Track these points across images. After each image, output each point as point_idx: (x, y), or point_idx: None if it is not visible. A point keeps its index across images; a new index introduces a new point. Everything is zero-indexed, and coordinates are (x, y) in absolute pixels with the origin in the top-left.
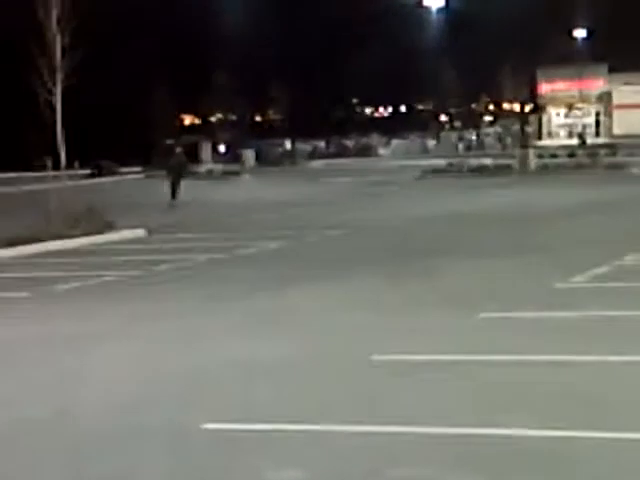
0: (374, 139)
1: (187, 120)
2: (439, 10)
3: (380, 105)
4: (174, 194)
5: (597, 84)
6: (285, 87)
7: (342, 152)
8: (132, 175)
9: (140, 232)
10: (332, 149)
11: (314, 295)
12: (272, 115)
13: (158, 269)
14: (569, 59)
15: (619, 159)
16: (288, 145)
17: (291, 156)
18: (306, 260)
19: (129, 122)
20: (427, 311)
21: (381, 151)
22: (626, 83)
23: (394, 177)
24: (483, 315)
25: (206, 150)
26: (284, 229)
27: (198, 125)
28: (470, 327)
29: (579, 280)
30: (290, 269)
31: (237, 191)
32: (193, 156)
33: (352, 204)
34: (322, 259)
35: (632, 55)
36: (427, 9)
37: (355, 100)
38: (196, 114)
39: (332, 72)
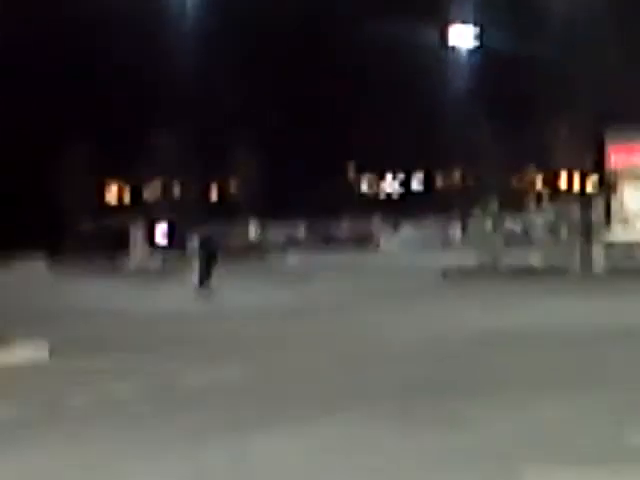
0: (376, 225)
1: (111, 192)
2: (471, 52)
3: (387, 173)
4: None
5: None
6: (252, 148)
7: (329, 243)
8: (29, 266)
9: (42, 352)
10: (314, 238)
11: (291, 448)
12: (232, 188)
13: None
14: None
15: None
16: (252, 232)
17: (259, 248)
18: (281, 397)
19: (27, 191)
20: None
21: (385, 243)
22: None
23: (404, 282)
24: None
25: (139, 241)
26: (249, 349)
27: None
28: None
29: None
30: (257, 410)
31: (183, 298)
32: (118, 245)
33: (342, 320)
34: (302, 395)
35: None
36: (454, 50)
37: (352, 166)
38: (126, 182)
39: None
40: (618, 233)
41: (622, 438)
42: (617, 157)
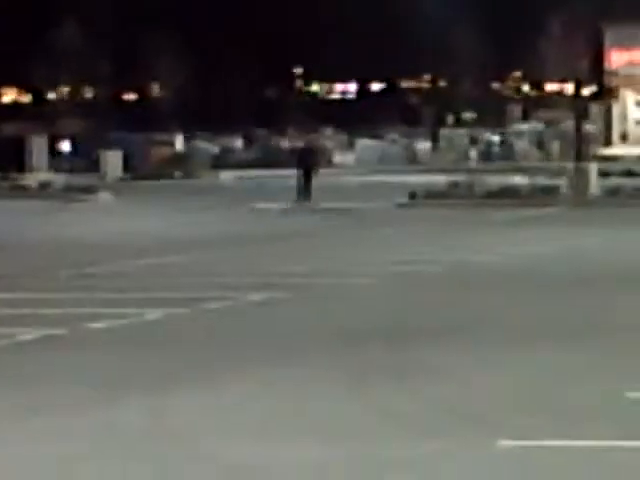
0: (328, 137)
1: (7, 97)
2: None
3: (340, 80)
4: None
5: None
6: (180, 46)
7: (272, 158)
8: None
9: None
10: (255, 152)
11: (217, 411)
12: (156, 92)
13: None
14: None
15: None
16: (180, 143)
17: (185, 162)
18: (207, 344)
19: None
20: (408, 438)
21: (339, 158)
22: None
23: (361, 203)
24: (503, 443)
25: (39, 149)
26: (171, 289)
27: (25, 106)
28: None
29: None
30: (179, 360)
31: (92, 222)
32: (14, 159)
33: (289, 248)
34: (235, 343)
35: None
36: None
37: (299, 70)
38: (24, 88)
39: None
40: (619, 146)
41: (622, 394)
42: (618, 58)
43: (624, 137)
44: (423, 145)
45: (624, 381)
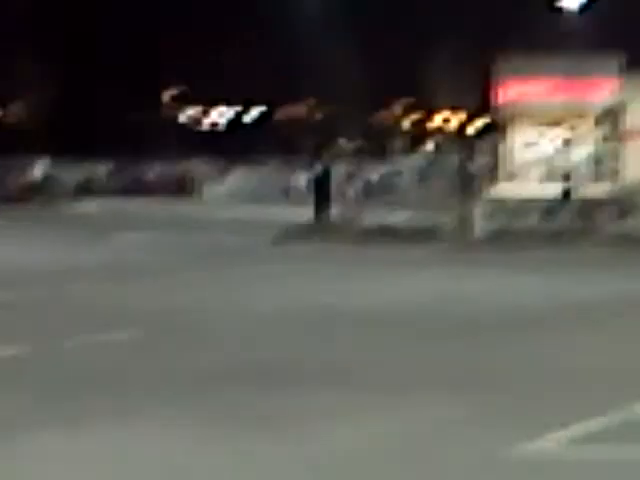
0: (197, 167)
1: None
2: None
3: (215, 106)
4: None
5: (600, 90)
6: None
7: (137, 187)
8: None
9: None
10: (121, 180)
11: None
12: (16, 115)
13: None
14: (552, 45)
15: (632, 225)
16: (39, 170)
17: (44, 190)
18: (54, 386)
19: None
20: None
21: (210, 189)
22: None
23: (229, 239)
24: None
25: None
26: (20, 324)
27: None
28: None
29: (546, 445)
30: (19, 405)
31: None
32: None
33: (149, 283)
34: (86, 385)
35: None
36: None
37: (170, 95)
38: None
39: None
40: (506, 187)
41: (495, 452)
42: (507, 93)
43: (513, 175)
44: (301, 177)
45: (505, 437)
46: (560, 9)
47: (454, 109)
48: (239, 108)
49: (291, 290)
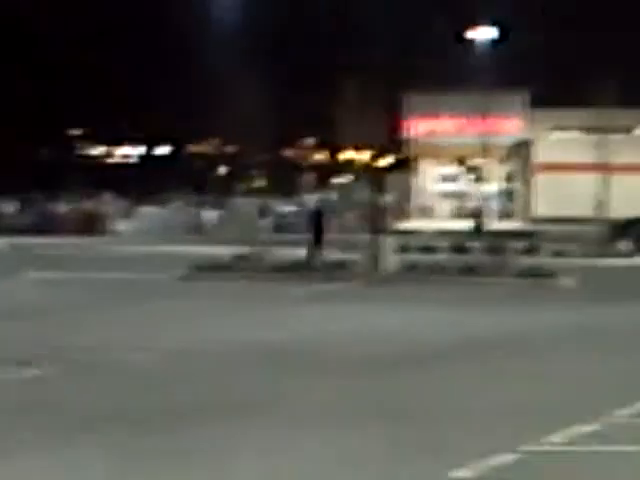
0: (107, 203)
1: None
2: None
3: (123, 143)
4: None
5: (509, 127)
6: None
7: (48, 223)
8: None
9: None
10: (30, 217)
11: None
12: None
13: None
14: (460, 81)
15: (542, 260)
16: None
17: None
18: None
19: None
20: None
21: (120, 226)
22: (557, 128)
23: (141, 275)
24: None
25: None
26: None
27: None
28: None
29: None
30: None
31: None
32: None
33: (62, 321)
34: None
35: (571, 76)
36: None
37: (78, 132)
38: None
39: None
40: (416, 222)
41: None
42: (416, 128)
43: (424, 210)
44: (210, 214)
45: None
46: (468, 41)
47: (362, 145)
48: (146, 147)
49: (197, 326)
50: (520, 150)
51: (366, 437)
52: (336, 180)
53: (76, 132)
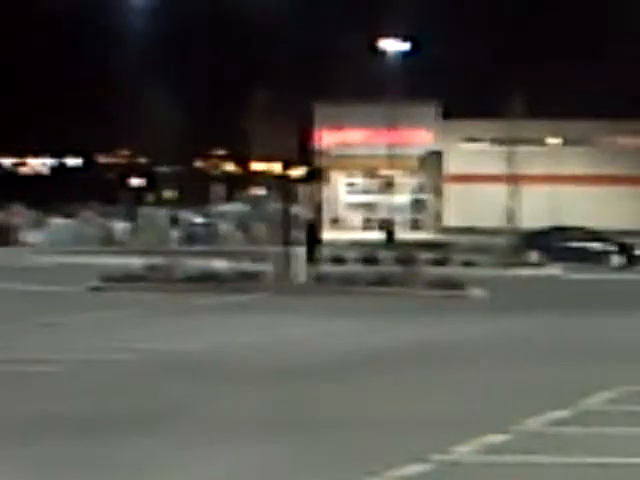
0: (15, 214)
1: None
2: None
3: (33, 154)
4: None
5: (420, 138)
6: None
7: None
8: None
9: None
10: None
11: None
12: None
13: None
14: (372, 92)
15: (452, 270)
16: None
17: None
18: None
19: None
20: None
21: (29, 237)
22: (468, 139)
23: (50, 286)
24: None
25: None
26: None
27: None
28: None
29: None
30: None
31: None
32: None
33: None
34: None
35: (482, 88)
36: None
37: None
38: None
39: None
40: (328, 232)
41: None
42: (328, 139)
43: (335, 221)
44: (121, 225)
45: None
46: (380, 52)
47: (273, 156)
48: (56, 158)
49: (106, 337)
50: (431, 161)
51: (275, 447)
52: (247, 191)
53: None
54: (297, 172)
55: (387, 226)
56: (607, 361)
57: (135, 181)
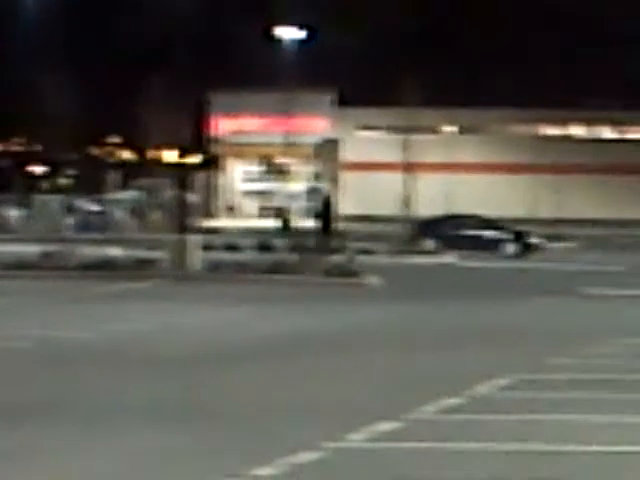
0: None
1: None
2: None
3: None
4: None
5: (316, 126)
6: None
7: None
8: None
9: None
10: None
11: None
12: None
13: None
14: (268, 80)
15: (348, 259)
16: None
17: None
18: None
19: None
20: None
21: None
22: (365, 127)
23: None
24: None
25: None
26: None
27: None
28: None
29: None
30: None
31: None
32: None
33: None
34: None
35: (378, 76)
36: None
37: None
38: None
39: None
40: (223, 220)
41: None
42: (223, 127)
43: (230, 209)
44: (15, 212)
45: (215, 467)
46: (276, 40)
47: (168, 143)
48: None
49: (5, 324)
50: (327, 149)
51: (168, 435)
52: (143, 179)
53: None
54: (193, 160)
55: (283, 214)
56: (500, 348)
57: (31, 168)
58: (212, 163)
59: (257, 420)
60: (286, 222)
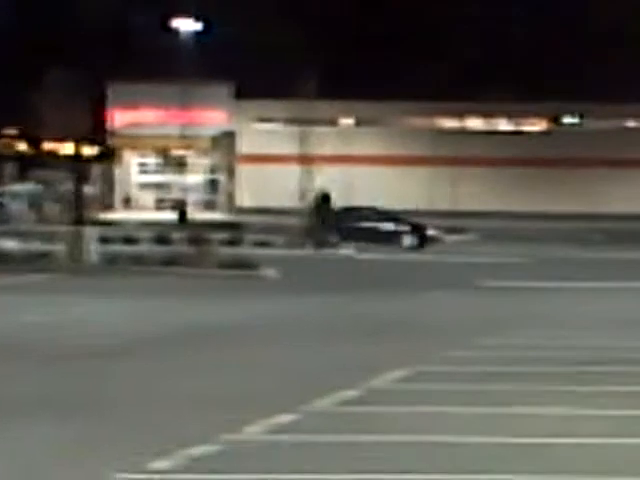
0: None
1: None
2: None
3: None
4: None
5: (212, 118)
6: None
7: None
8: None
9: None
10: None
11: None
12: None
13: None
14: (165, 71)
15: (246, 250)
16: None
17: None
18: None
19: None
20: None
21: None
22: (262, 119)
23: None
24: None
25: None
26: None
27: None
28: None
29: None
30: None
31: None
32: None
33: None
34: None
35: (275, 68)
36: None
37: None
38: None
39: None
40: (120, 212)
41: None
42: (120, 119)
43: (127, 201)
44: None
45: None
46: (173, 31)
47: (65, 135)
48: None
49: None
50: (224, 141)
51: (61, 429)
52: (39, 171)
53: None
54: (90, 152)
55: (180, 206)
56: (398, 340)
57: None
58: (109, 155)
59: (153, 413)
60: (183, 214)
